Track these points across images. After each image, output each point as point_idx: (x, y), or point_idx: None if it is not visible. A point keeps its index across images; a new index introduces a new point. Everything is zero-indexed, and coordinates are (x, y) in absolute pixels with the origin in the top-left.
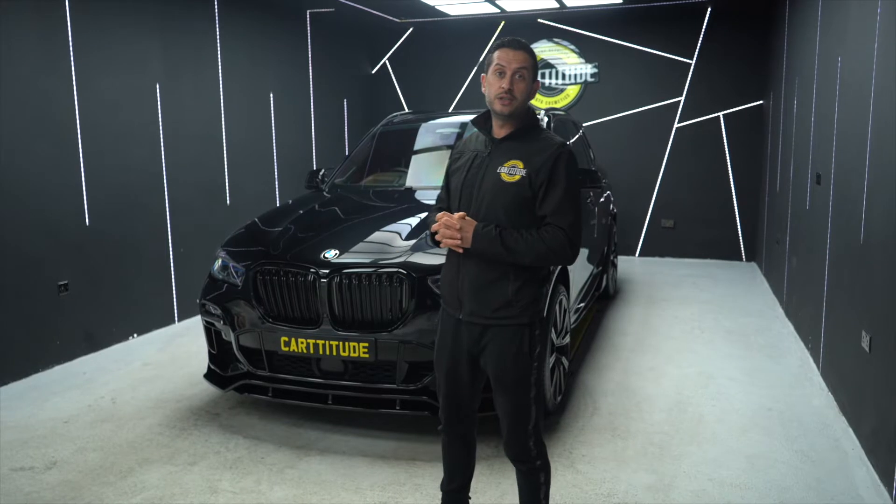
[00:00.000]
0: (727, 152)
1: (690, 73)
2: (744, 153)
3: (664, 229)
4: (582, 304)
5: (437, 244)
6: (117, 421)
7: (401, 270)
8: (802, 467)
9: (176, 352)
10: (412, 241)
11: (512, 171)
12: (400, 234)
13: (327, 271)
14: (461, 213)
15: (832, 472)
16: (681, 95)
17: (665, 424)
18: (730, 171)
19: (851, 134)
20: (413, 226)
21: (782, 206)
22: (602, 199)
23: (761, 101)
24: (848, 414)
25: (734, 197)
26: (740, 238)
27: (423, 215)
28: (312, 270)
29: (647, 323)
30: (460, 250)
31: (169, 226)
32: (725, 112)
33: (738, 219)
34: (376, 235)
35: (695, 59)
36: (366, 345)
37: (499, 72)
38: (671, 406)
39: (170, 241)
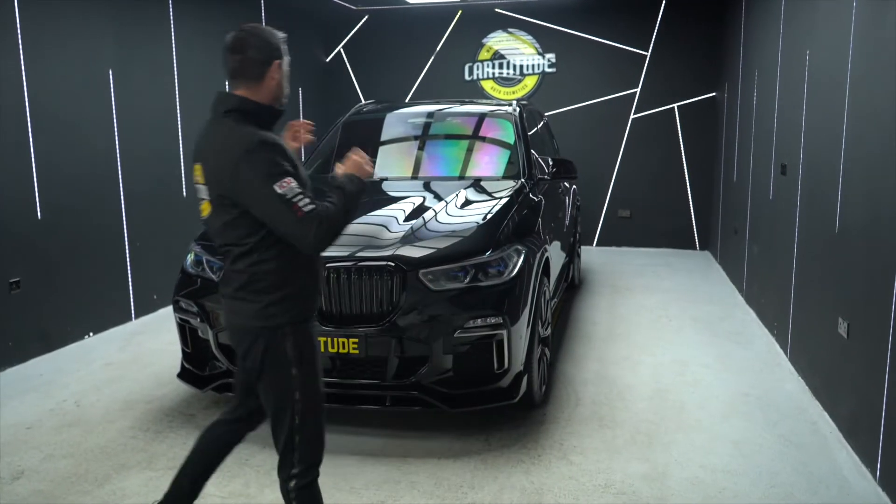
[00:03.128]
0: (681, 143)
1: (646, 64)
2: (697, 144)
3: (621, 219)
4: (555, 299)
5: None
6: (85, 425)
7: (391, 263)
8: (787, 451)
9: (137, 350)
10: (399, 234)
11: None
12: (386, 226)
13: None
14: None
15: (815, 455)
16: (636, 87)
17: (649, 413)
18: (684, 162)
19: (823, 126)
20: (399, 218)
21: (741, 196)
22: (570, 190)
23: (714, 94)
24: (822, 398)
25: (688, 187)
26: (694, 227)
27: (407, 207)
28: None
29: (614, 312)
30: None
31: (125, 219)
32: (679, 104)
33: (692, 208)
34: (360, 228)
35: (650, 50)
36: (355, 340)
37: (289, 72)
38: (651, 394)
39: (125, 234)
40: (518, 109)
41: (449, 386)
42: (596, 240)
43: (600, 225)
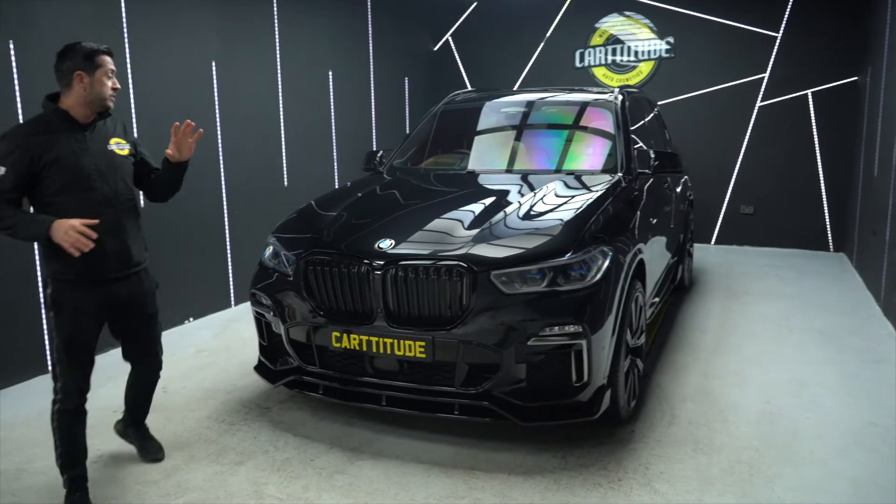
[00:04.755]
0: (815, 133)
1: (776, 47)
2: (834, 134)
3: (743, 216)
4: (657, 299)
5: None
6: (167, 412)
7: (461, 263)
8: None
9: (230, 338)
10: (474, 231)
11: (121, 147)
12: (462, 223)
13: (382, 263)
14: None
15: None
16: (765, 72)
17: (753, 439)
18: (817, 154)
19: None
20: (476, 213)
21: (882, 193)
22: (680, 184)
23: (856, 78)
24: None
25: (822, 182)
26: (828, 226)
27: (488, 201)
28: (366, 262)
29: (727, 319)
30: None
31: (225, 207)
32: (814, 89)
33: (825, 205)
34: (436, 224)
35: (781, 31)
36: (422, 344)
37: (109, 74)
38: (759, 417)
39: (226, 223)
40: (620, 98)
41: (522, 397)
42: (714, 237)
43: (719, 222)
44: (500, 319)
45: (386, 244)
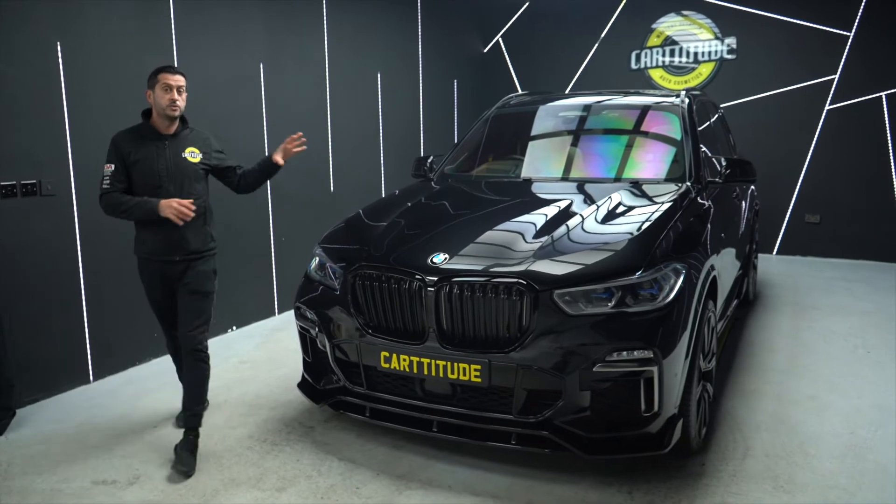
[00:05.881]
0: (889, 138)
1: (847, 47)
2: None
3: (808, 225)
4: (721, 322)
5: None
6: (207, 429)
7: (521, 281)
8: None
9: (273, 348)
10: (535, 246)
11: (193, 155)
12: (523, 236)
13: (435, 279)
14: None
15: None
16: (835, 73)
17: (840, 476)
18: (891, 160)
19: None
20: (536, 226)
21: None
22: (747, 193)
23: None
24: None
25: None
26: None
27: (547, 212)
28: (418, 277)
29: (797, 337)
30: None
31: (271, 213)
32: (889, 92)
33: None
34: (492, 236)
35: (854, 30)
36: (478, 367)
37: (165, 88)
38: (844, 450)
39: (271, 229)
40: (687, 101)
41: (585, 428)
42: (777, 248)
43: (783, 231)
44: (563, 343)
45: (440, 258)
